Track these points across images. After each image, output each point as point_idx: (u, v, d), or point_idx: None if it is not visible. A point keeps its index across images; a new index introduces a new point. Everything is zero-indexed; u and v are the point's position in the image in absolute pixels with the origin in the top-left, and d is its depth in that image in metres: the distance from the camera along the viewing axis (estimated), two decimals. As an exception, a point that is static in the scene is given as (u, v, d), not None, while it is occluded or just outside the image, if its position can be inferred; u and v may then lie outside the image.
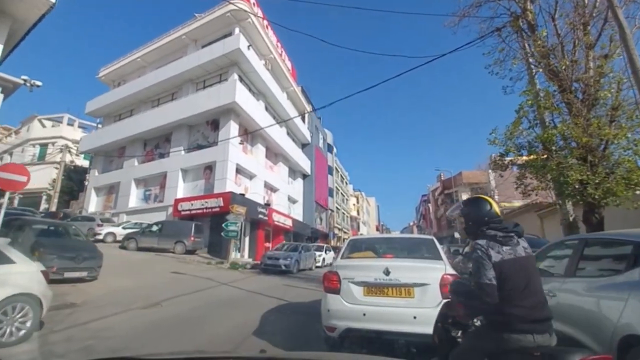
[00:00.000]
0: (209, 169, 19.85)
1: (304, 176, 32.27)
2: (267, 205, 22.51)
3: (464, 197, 34.06)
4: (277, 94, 25.20)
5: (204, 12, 22.52)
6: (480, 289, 1.70)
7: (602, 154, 6.64)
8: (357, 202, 66.87)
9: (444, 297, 3.04)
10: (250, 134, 21.83)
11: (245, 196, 19.12)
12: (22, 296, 3.90)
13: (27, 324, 3.94)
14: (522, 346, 1.64)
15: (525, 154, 7.46)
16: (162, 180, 21.19)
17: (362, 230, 66.02)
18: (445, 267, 3.45)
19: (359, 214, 66.22)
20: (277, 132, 24.56)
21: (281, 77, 27.17)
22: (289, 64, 29.46)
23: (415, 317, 3.16)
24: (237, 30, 21.16)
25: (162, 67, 23.34)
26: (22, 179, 6.08)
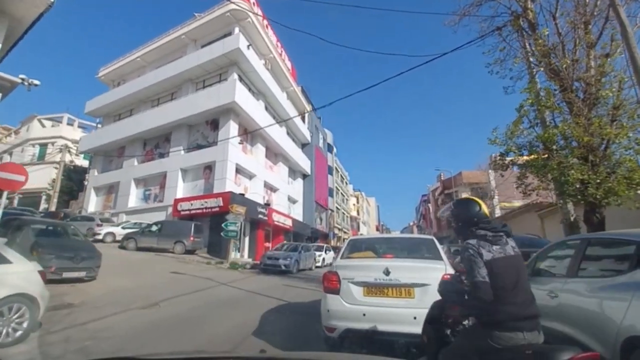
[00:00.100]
0: (209, 169, 19.83)
1: (304, 176, 32.24)
2: (267, 205, 22.47)
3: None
4: (277, 93, 25.17)
5: (203, 11, 22.50)
6: (475, 287, 1.71)
7: (603, 154, 6.61)
8: (357, 202, 66.86)
9: None
10: (250, 134, 21.81)
11: (245, 196, 19.09)
12: (18, 296, 3.87)
13: (24, 325, 3.91)
14: (514, 344, 1.65)
15: (525, 153, 7.42)
16: (162, 180, 21.17)
17: (362, 230, 66.02)
18: (445, 267, 3.43)
19: (359, 214, 66.21)
20: (277, 132, 24.53)
21: (281, 77, 27.14)
22: (289, 63, 29.43)
23: (415, 318, 3.12)
24: (236, 29, 21.13)
25: (161, 66, 23.32)
26: (20, 178, 6.05)
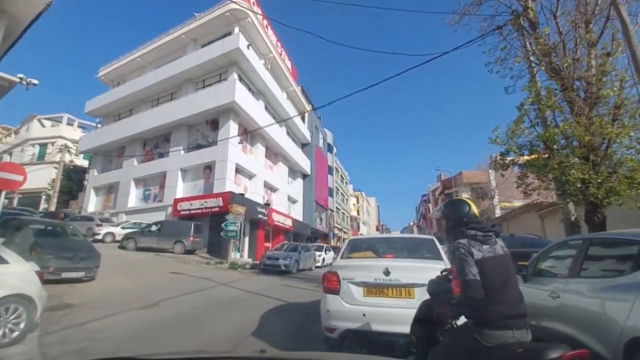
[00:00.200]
0: (209, 169, 19.81)
1: (304, 176, 32.21)
2: (267, 205, 22.44)
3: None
4: (276, 93, 25.15)
5: (203, 11, 22.46)
6: (466, 285, 1.73)
7: (605, 153, 6.57)
8: (357, 202, 66.83)
9: None
10: (249, 134, 21.78)
11: (244, 196, 19.07)
12: (15, 297, 3.84)
13: (21, 326, 3.88)
14: (503, 342, 1.67)
15: (526, 153, 7.38)
16: (162, 180, 21.14)
17: (362, 230, 65.99)
18: (446, 267, 3.39)
19: (359, 214, 66.18)
20: (276, 132, 24.51)
21: (281, 77, 27.12)
22: (289, 63, 29.41)
23: None
24: (236, 29, 21.10)
25: (161, 66, 23.29)
26: (18, 178, 6.02)
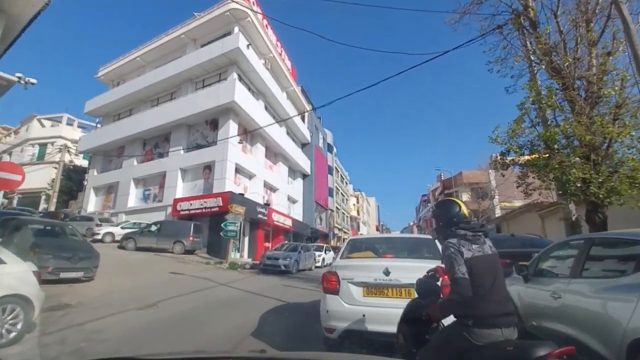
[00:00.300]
0: (208, 169, 19.79)
1: (304, 176, 32.19)
2: (267, 205, 22.42)
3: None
4: (276, 93, 25.13)
5: (203, 11, 22.45)
6: (455, 283, 1.75)
7: (606, 153, 6.54)
8: (357, 202, 66.81)
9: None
10: (249, 134, 21.76)
11: (244, 196, 19.04)
12: (12, 297, 3.81)
13: (18, 326, 3.85)
14: (492, 340, 1.69)
15: (527, 153, 7.36)
16: (161, 180, 21.12)
17: (362, 230, 65.96)
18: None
19: (359, 214, 66.16)
20: (276, 132, 24.48)
21: (281, 77, 27.10)
22: (289, 63, 29.39)
23: None
24: (236, 29, 21.07)
25: (161, 66, 23.28)
26: (17, 177, 6.01)
